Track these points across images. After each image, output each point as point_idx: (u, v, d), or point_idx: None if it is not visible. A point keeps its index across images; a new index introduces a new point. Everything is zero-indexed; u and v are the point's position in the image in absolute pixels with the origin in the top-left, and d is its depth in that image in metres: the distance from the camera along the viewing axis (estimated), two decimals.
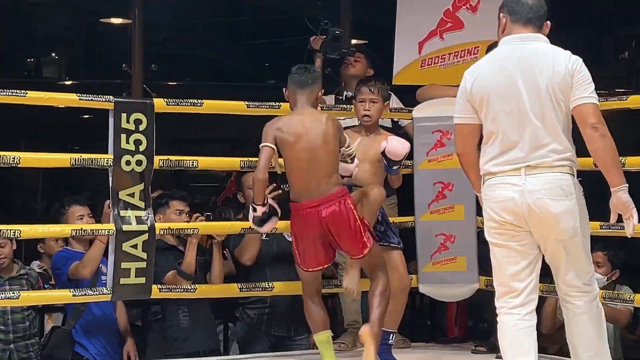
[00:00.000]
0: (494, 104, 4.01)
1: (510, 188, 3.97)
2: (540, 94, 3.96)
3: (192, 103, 5.07)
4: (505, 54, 4.06)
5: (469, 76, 4.10)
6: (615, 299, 5.16)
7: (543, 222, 3.96)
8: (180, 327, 5.51)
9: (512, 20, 4.08)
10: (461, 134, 4.14)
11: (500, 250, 4.06)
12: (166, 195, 5.63)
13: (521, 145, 3.97)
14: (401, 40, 5.87)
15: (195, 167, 5.14)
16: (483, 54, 5.70)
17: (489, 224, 4.06)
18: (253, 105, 5.18)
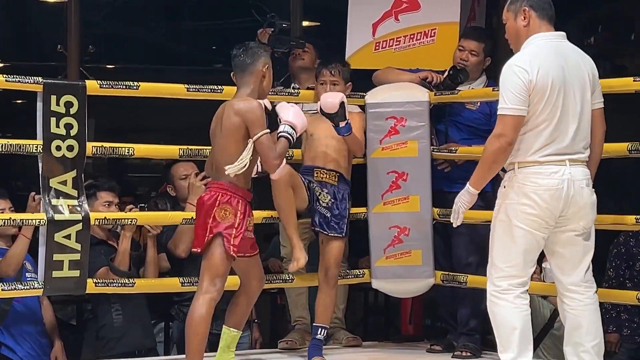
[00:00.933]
0: (552, 95, 4.36)
1: (559, 177, 4.36)
2: (583, 92, 4.43)
3: (127, 86, 5.05)
4: (555, 50, 4.43)
5: (529, 67, 4.36)
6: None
7: (580, 210, 4.41)
8: (114, 326, 5.49)
9: (539, 16, 4.47)
10: (516, 126, 4.37)
11: (526, 237, 4.41)
12: (93, 186, 5.54)
13: (566, 138, 4.38)
14: (354, 22, 5.89)
15: (132, 154, 5.12)
16: (441, 36, 5.80)
17: (526, 209, 4.38)
18: (193, 89, 5.17)
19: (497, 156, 4.40)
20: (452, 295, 5.63)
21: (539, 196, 4.36)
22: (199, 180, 5.57)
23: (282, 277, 5.50)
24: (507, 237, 4.43)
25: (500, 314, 4.44)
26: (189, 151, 5.17)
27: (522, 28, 4.50)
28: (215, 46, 10.50)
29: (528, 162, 4.40)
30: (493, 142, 4.39)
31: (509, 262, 4.43)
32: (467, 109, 5.61)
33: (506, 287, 4.43)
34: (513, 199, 4.41)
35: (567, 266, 4.51)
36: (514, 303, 4.42)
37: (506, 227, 4.43)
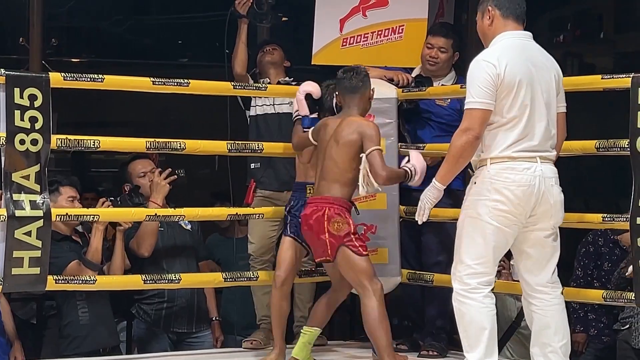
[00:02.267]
0: (521, 91, 4.40)
1: (531, 174, 4.40)
2: (550, 91, 4.49)
3: (91, 78, 5.02)
4: (522, 47, 4.48)
5: (497, 62, 4.39)
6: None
7: (551, 208, 4.45)
8: (80, 323, 5.46)
9: (503, 15, 4.51)
10: (483, 120, 4.41)
11: (497, 234, 4.43)
12: (55, 182, 5.51)
13: (537, 135, 4.43)
14: (321, 17, 5.88)
15: (97, 147, 5.09)
16: (409, 33, 5.80)
17: (498, 205, 4.40)
18: (159, 82, 5.16)
19: (464, 150, 4.40)
20: (420, 294, 5.65)
21: (512, 192, 4.39)
22: (162, 178, 5.55)
23: (246, 275, 5.49)
24: (476, 234, 4.43)
25: (469, 314, 4.44)
26: (157, 144, 5.15)
27: (487, 27, 4.56)
28: (181, 40, 10.48)
29: (500, 157, 4.42)
30: (460, 136, 4.40)
31: (478, 260, 4.44)
32: (437, 105, 5.63)
33: (475, 286, 4.43)
34: (484, 195, 4.42)
35: (535, 266, 4.53)
36: (483, 303, 4.43)
37: (476, 224, 4.43)
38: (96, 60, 10.25)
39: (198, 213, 5.38)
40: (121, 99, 5.77)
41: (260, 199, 5.73)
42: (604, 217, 4.88)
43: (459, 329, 4.53)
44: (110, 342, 5.60)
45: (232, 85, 5.48)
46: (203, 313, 5.89)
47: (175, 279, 5.25)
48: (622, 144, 4.74)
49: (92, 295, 5.43)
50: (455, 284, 4.50)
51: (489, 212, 4.41)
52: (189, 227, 5.85)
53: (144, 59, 10.00)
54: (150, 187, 5.60)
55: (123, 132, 5.48)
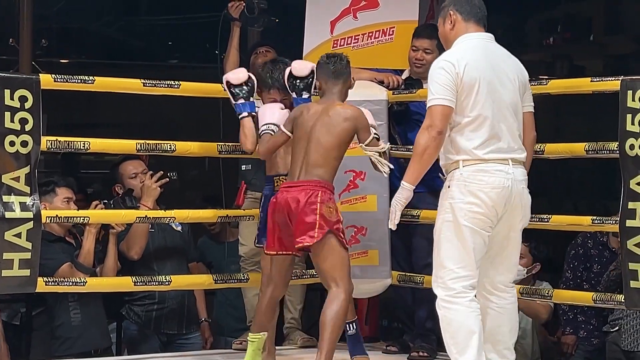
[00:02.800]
0: (482, 91, 4.43)
1: (504, 176, 4.43)
2: (514, 92, 4.52)
3: (82, 80, 5.02)
4: (483, 48, 4.51)
5: (456, 61, 4.43)
6: (533, 294, 5.29)
7: (520, 210, 4.50)
8: (72, 325, 5.47)
9: (465, 19, 4.55)
10: (444, 116, 4.44)
11: (474, 236, 4.44)
12: (52, 182, 5.55)
13: (504, 136, 4.46)
14: (312, 19, 5.91)
15: (87, 149, 5.09)
16: (400, 34, 5.82)
17: (473, 207, 4.42)
18: (150, 84, 5.16)
19: (427, 147, 4.42)
20: (410, 296, 5.66)
21: (486, 194, 4.41)
22: (153, 182, 5.55)
23: (237, 277, 5.50)
24: (455, 238, 4.44)
25: (457, 320, 4.43)
26: (147, 145, 5.15)
27: (449, 32, 4.60)
28: (171, 42, 10.48)
29: (473, 160, 4.43)
30: (423, 134, 4.43)
31: (460, 263, 4.44)
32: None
33: (460, 290, 4.43)
34: (459, 198, 4.43)
35: (502, 266, 4.56)
36: (469, 307, 4.43)
37: (453, 227, 4.44)
38: (86, 61, 10.25)
39: (188, 215, 5.39)
40: (111, 101, 5.77)
41: (251, 201, 5.73)
42: (594, 220, 4.90)
43: (445, 335, 4.50)
44: (102, 343, 5.62)
45: (223, 88, 5.47)
46: (193, 315, 5.91)
47: (166, 281, 5.26)
48: (611, 147, 4.76)
49: (84, 297, 5.44)
50: (439, 290, 4.48)
51: (464, 215, 4.42)
52: (179, 229, 5.86)
53: (134, 60, 10.01)
54: (142, 190, 5.60)
55: (113, 134, 5.48)
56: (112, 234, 5.49)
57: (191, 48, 9.56)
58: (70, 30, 10.15)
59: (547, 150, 4.99)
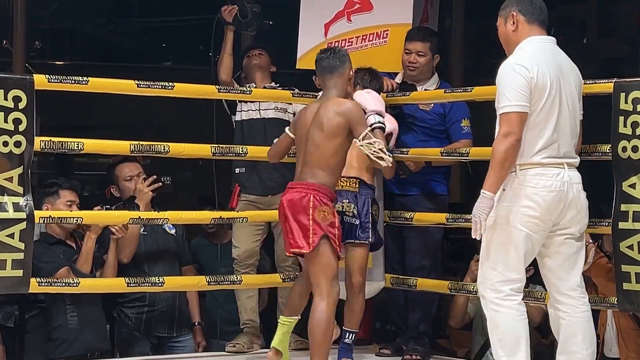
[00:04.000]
0: (551, 95, 4.41)
1: (560, 179, 4.41)
2: (575, 97, 4.51)
3: (76, 81, 5.02)
4: (551, 52, 4.48)
5: (529, 65, 4.38)
6: (526, 297, 5.28)
7: (578, 213, 4.48)
8: (69, 327, 5.47)
9: (528, 20, 4.50)
10: (522, 122, 4.38)
11: (526, 240, 4.41)
12: (55, 184, 5.55)
13: (563, 141, 4.45)
14: (306, 22, 5.92)
15: (81, 150, 5.09)
16: (394, 37, 5.84)
17: (528, 211, 4.39)
18: (144, 85, 5.17)
19: (508, 155, 4.34)
20: (403, 299, 5.68)
21: (542, 198, 4.38)
22: (146, 186, 5.57)
23: (230, 278, 5.52)
24: (506, 241, 4.41)
25: (506, 322, 4.42)
26: (141, 147, 5.16)
27: (511, 33, 4.54)
28: (164, 43, 10.48)
29: (529, 164, 4.41)
30: (502, 142, 4.34)
31: (511, 266, 4.41)
32: (421, 110, 5.67)
33: (508, 293, 4.41)
34: (513, 201, 4.40)
35: (563, 270, 4.53)
36: (518, 310, 4.42)
37: (506, 231, 4.41)
38: (80, 63, 10.25)
39: (182, 216, 5.41)
40: (105, 102, 5.78)
41: (244, 203, 5.76)
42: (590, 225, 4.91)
43: (492, 337, 4.48)
44: (100, 346, 5.60)
45: (217, 89, 5.50)
46: (184, 317, 5.91)
47: (159, 282, 5.27)
48: (603, 149, 4.79)
49: (81, 300, 5.44)
50: (488, 292, 4.45)
51: (519, 218, 4.39)
52: (173, 232, 5.86)
53: (127, 62, 10.00)
54: (135, 193, 5.62)
55: (108, 136, 5.49)
56: (112, 239, 5.49)
57: (185, 50, 9.57)
58: (63, 32, 10.14)
59: None
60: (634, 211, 4.64)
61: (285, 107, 5.85)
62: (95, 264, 5.51)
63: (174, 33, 9.59)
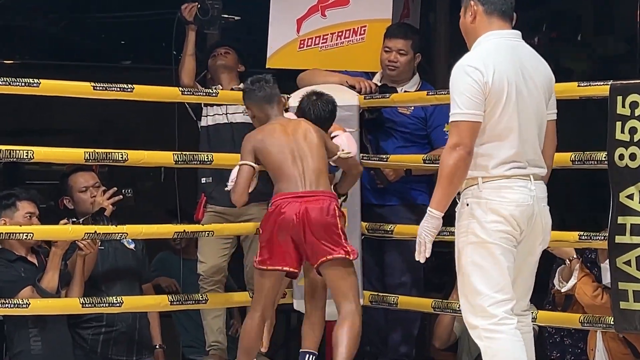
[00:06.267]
0: (510, 100, 4.26)
1: (527, 192, 4.30)
2: (540, 99, 4.37)
3: (26, 83, 5.02)
4: (510, 49, 4.33)
5: (483, 67, 4.24)
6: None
7: (541, 231, 4.37)
8: (31, 353, 5.43)
9: (487, 11, 4.35)
10: (474, 132, 4.25)
11: (506, 255, 4.28)
12: (12, 195, 5.51)
13: (528, 149, 4.32)
14: (276, 17, 5.92)
15: (31, 158, 5.08)
16: (371, 34, 5.84)
17: (498, 226, 4.26)
18: (100, 87, 5.17)
19: (457, 169, 4.22)
20: (383, 318, 5.68)
21: (510, 212, 4.26)
22: (105, 198, 5.54)
23: (195, 297, 5.50)
24: (486, 260, 4.26)
25: (504, 349, 4.25)
26: (96, 154, 5.15)
27: (469, 25, 4.39)
28: (124, 41, 10.47)
29: (493, 176, 4.30)
30: (450, 154, 4.22)
31: (496, 287, 4.25)
32: (400, 113, 5.67)
33: (503, 316, 4.24)
34: (482, 218, 4.28)
35: (517, 292, 4.38)
36: (515, 335, 4.26)
37: (483, 249, 4.27)
38: (31, 62, 10.22)
39: (142, 230, 5.39)
40: (61, 105, 5.76)
41: (211, 215, 5.74)
42: (581, 236, 4.92)
43: None
44: None
45: (180, 91, 5.49)
46: (145, 339, 5.88)
47: (117, 302, 5.26)
48: (599, 157, 4.78)
49: (45, 323, 5.42)
50: (479, 320, 4.28)
51: (491, 234, 4.27)
52: (132, 247, 5.83)
53: (83, 61, 9.97)
54: (92, 205, 5.59)
55: (63, 141, 5.47)
56: (79, 255, 5.45)
57: (145, 48, 9.56)
58: (12, 29, 10.11)
59: None
60: (631, 224, 4.65)
61: None
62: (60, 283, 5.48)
63: (134, 30, 9.57)
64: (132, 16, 9.58)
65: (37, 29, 10.21)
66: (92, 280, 5.62)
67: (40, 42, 10.40)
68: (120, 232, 5.30)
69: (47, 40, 10.35)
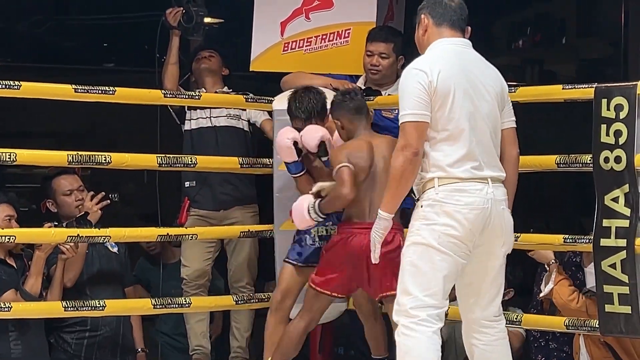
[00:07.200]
0: (458, 101, 4.33)
1: (483, 196, 4.33)
2: (492, 104, 4.41)
3: (7, 85, 5.00)
4: (458, 55, 4.41)
5: (428, 69, 4.32)
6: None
7: (501, 234, 4.39)
8: (11, 357, 5.42)
9: (436, 23, 4.46)
10: (420, 133, 4.32)
11: (448, 262, 4.31)
12: None
13: (482, 152, 4.36)
14: (260, 20, 5.90)
15: (14, 161, 5.07)
16: (356, 37, 5.83)
17: (449, 230, 4.29)
18: (82, 90, 5.15)
19: (404, 170, 4.29)
20: None
21: (464, 216, 4.29)
22: (94, 204, 5.52)
23: (178, 301, 5.49)
24: (425, 262, 4.30)
25: (417, 349, 4.28)
26: (79, 157, 5.14)
27: (421, 37, 4.51)
28: (106, 43, 10.45)
29: (449, 178, 4.34)
30: (398, 156, 4.29)
31: (428, 291, 4.29)
32: (384, 117, 5.66)
33: (424, 318, 4.28)
34: (433, 220, 4.31)
35: (484, 299, 4.45)
36: (431, 339, 4.28)
37: (424, 251, 4.31)
38: (12, 64, 10.18)
39: (125, 234, 5.38)
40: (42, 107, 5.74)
41: (195, 219, 5.74)
42: (565, 239, 4.93)
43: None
44: None
45: (163, 94, 5.48)
46: (129, 343, 5.87)
47: (100, 306, 5.25)
48: (584, 159, 4.80)
49: (25, 327, 5.41)
50: (401, 318, 4.32)
51: (438, 237, 4.29)
52: (115, 250, 5.83)
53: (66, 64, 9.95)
54: (79, 209, 5.58)
55: (45, 144, 5.45)
56: (61, 259, 5.44)
57: (128, 50, 9.55)
58: None
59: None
60: (616, 227, 4.67)
61: (239, 114, 5.85)
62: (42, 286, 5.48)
63: (117, 32, 9.55)
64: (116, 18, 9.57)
65: (19, 31, 10.19)
66: (77, 284, 5.61)
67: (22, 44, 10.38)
68: (103, 235, 5.29)
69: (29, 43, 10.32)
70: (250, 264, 5.87)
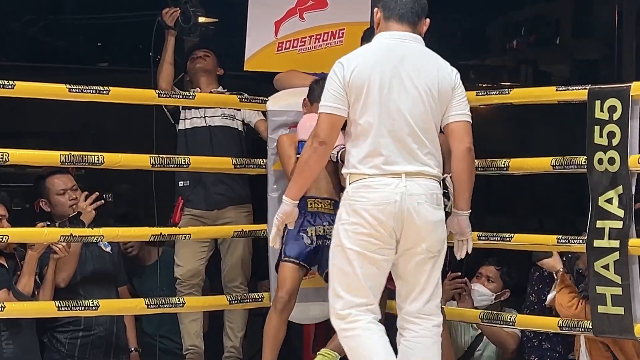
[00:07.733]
0: (373, 97, 4.31)
1: (391, 190, 4.28)
2: (418, 100, 4.35)
3: (1, 85, 4.99)
4: (388, 48, 4.38)
5: (346, 64, 4.34)
6: (494, 319, 5.32)
7: (419, 230, 4.32)
8: (3, 356, 5.41)
9: (386, 17, 4.43)
10: (331, 125, 4.36)
11: (361, 260, 4.31)
12: None
13: (396, 148, 4.31)
14: (254, 20, 5.90)
15: (6, 161, 5.06)
16: (350, 37, 5.84)
17: (358, 228, 4.28)
18: (76, 90, 5.15)
19: (308, 158, 4.36)
20: None
21: (369, 213, 4.27)
22: (88, 204, 5.51)
23: (171, 301, 5.49)
24: (344, 264, 4.31)
25: (360, 346, 4.29)
26: (72, 157, 5.14)
27: (376, 32, 4.50)
28: (100, 42, 10.45)
29: (358, 174, 4.33)
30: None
31: (353, 291, 4.30)
32: None
33: (355, 314, 4.29)
34: (345, 219, 4.32)
35: (408, 295, 4.41)
36: (369, 329, 4.29)
37: (341, 252, 4.32)
38: (6, 64, 10.17)
39: (118, 233, 5.38)
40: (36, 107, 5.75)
41: (188, 219, 5.74)
42: (559, 239, 4.94)
43: None
44: None
45: (157, 94, 5.48)
46: (123, 343, 5.87)
47: (93, 306, 5.25)
48: (579, 161, 4.80)
49: (17, 327, 5.40)
50: (335, 321, 4.35)
51: (349, 237, 4.29)
52: (108, 249, 5.83)
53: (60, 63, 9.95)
54: (72, 209, 5.58)
55: (39, 144, 5.45)
56: (52, 258, 5.44)
57: (123, 50, 9.55)
58: None
59: (512, 166, 5.04)
60: (610, 228, 4.67)
61: (233, 114, 5.85)
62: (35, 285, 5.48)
63: (111, 31, 9.54)
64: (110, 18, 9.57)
65: (13, 30, 10.18)
66: (71, 284, 5.61)
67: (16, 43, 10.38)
68: (96, 234, 5.29)
69: (23, 42, 10.32)
70: (244, 264, 5.87)
